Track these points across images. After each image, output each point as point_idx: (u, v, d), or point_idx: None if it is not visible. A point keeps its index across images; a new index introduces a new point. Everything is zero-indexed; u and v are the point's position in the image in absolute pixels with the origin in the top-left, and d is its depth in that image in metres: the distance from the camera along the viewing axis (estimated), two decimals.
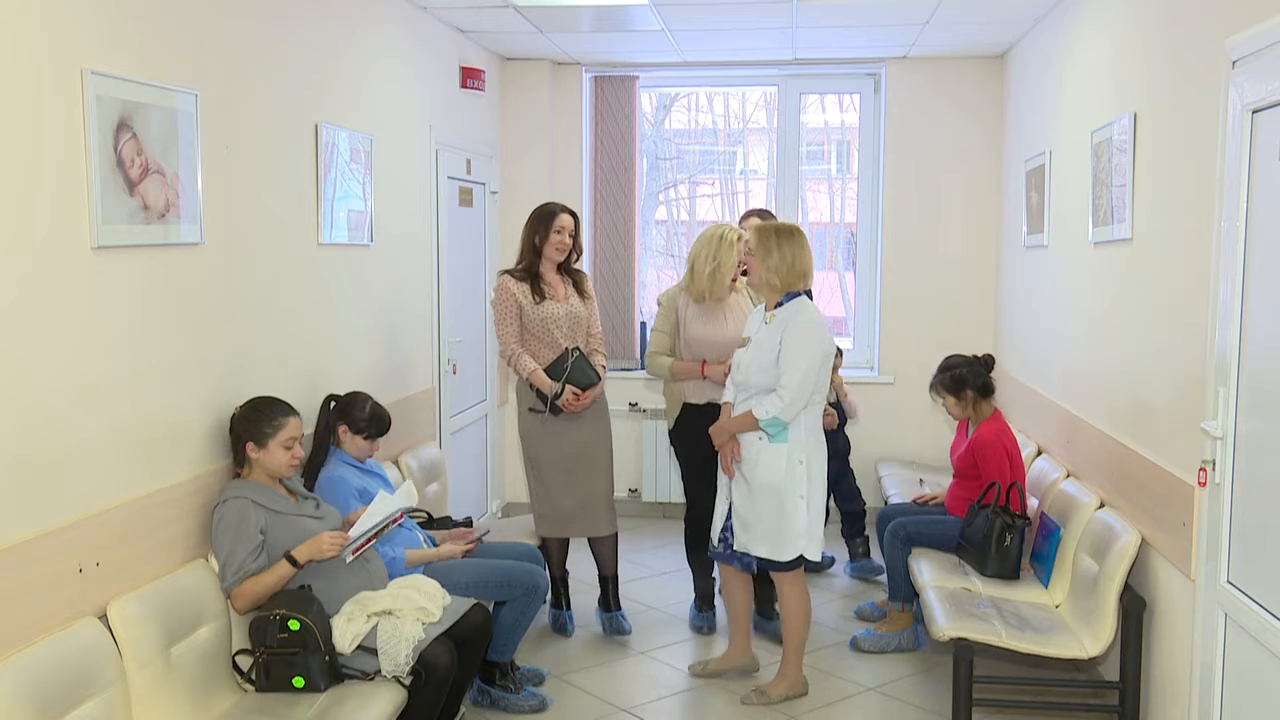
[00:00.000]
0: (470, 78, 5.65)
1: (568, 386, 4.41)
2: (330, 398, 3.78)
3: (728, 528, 4.03)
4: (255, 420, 3.26)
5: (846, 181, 7.97)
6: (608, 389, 4.83)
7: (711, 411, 4.29)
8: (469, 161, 5.77)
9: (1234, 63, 2.90)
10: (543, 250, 4.53)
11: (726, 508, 4.03)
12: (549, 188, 6.53)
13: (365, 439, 3.76)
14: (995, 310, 6.31)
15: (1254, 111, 2.76)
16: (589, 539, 4.72)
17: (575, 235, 4.60)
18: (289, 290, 3.79)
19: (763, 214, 5.23)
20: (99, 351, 2.77)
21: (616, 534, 4.74)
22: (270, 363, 3.64)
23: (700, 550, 4.58)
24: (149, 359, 2.98)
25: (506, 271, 4.61)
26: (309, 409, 3.72)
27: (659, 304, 4.65)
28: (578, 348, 4.50)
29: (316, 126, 3.95)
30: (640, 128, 6.78)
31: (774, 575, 4.03)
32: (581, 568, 4.89)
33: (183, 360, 3.14)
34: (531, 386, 4.50)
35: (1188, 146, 3.29)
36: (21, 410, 2.50)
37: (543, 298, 4.51)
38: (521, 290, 4.50)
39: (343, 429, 3.75)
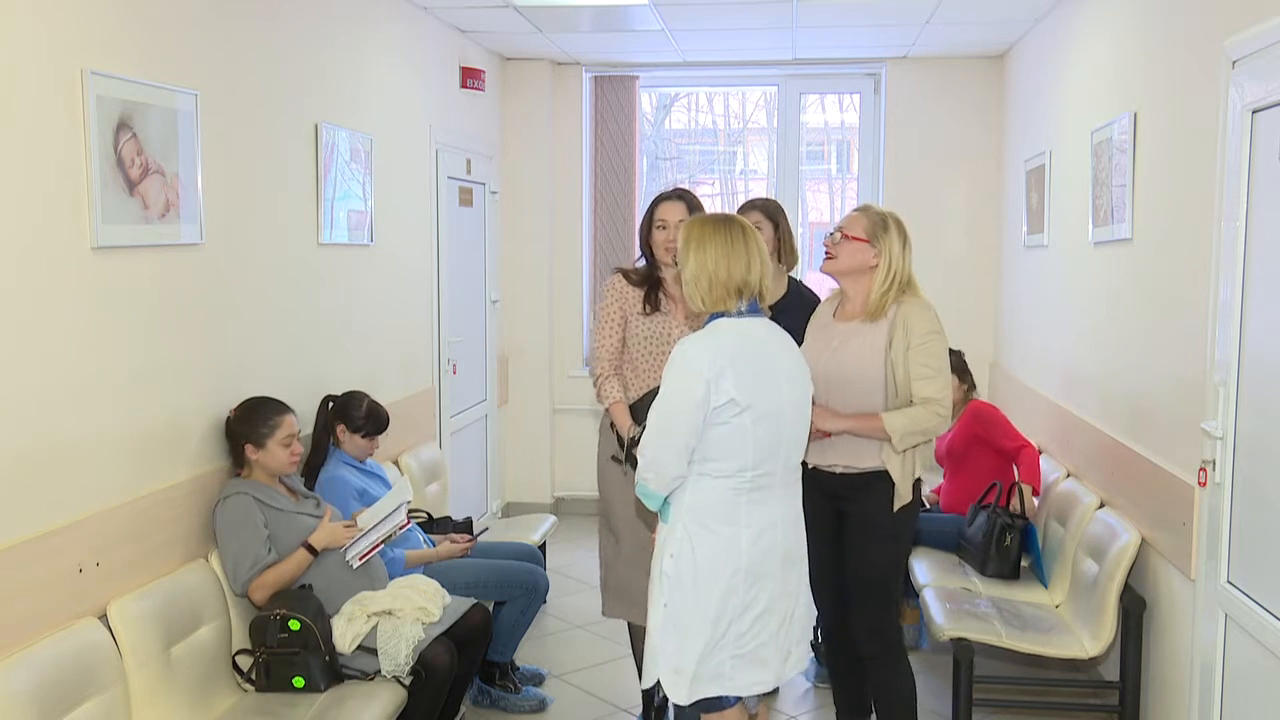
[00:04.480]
0: (470, 78, 5.65)
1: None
2: (328, 398, 3.79)
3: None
4: (251, 421, 3.27)
5: (846, 181, 7.96)
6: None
7: (822, 479, 3.17)
8: (469, 161, 5.77)
9: (1234, 63, 2.90)
10: (653, 250, 3.51)
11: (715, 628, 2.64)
12: (549, 188, 6.53)
13: (364, 437, 3.77)
14: (995, 310, 6.31)
15: (1254, 111, 2.76)
16: None
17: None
18: (289, 290, 3.79)
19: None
20: (99, 351, 2.77)
21: None
22: (270, 363, 3.64)
23: (847, 671, 3.49)
24: (149, 359, 2.98)
25: (622, 269, 3.59)
26: (309, 409, 3.72)
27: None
28: None
29: (316, 126, 3.95)
30: (640, 128, 6.78)
31: None
32: (579, 566, 4.87)
33: (183, 360, 3.14)
34: (613, 426, 3.45)
35: (1188, 146, 3.29)
36: (22, 410, 2.50)
37: (655, 309, 3.47)
38: (632, 295, 3.49)
39: (340, 428, 3.75)
